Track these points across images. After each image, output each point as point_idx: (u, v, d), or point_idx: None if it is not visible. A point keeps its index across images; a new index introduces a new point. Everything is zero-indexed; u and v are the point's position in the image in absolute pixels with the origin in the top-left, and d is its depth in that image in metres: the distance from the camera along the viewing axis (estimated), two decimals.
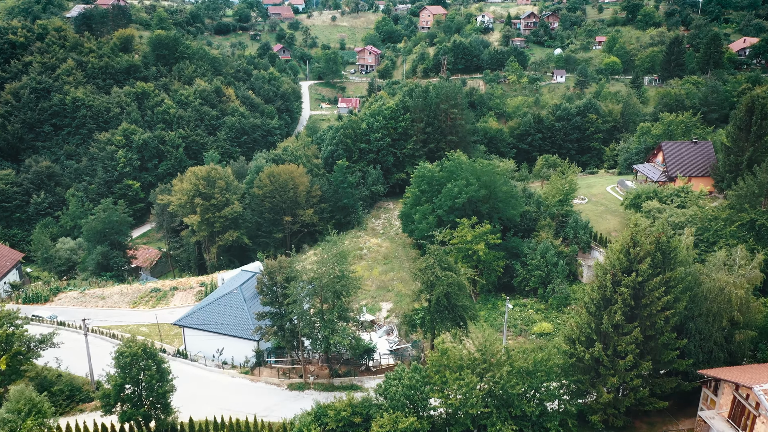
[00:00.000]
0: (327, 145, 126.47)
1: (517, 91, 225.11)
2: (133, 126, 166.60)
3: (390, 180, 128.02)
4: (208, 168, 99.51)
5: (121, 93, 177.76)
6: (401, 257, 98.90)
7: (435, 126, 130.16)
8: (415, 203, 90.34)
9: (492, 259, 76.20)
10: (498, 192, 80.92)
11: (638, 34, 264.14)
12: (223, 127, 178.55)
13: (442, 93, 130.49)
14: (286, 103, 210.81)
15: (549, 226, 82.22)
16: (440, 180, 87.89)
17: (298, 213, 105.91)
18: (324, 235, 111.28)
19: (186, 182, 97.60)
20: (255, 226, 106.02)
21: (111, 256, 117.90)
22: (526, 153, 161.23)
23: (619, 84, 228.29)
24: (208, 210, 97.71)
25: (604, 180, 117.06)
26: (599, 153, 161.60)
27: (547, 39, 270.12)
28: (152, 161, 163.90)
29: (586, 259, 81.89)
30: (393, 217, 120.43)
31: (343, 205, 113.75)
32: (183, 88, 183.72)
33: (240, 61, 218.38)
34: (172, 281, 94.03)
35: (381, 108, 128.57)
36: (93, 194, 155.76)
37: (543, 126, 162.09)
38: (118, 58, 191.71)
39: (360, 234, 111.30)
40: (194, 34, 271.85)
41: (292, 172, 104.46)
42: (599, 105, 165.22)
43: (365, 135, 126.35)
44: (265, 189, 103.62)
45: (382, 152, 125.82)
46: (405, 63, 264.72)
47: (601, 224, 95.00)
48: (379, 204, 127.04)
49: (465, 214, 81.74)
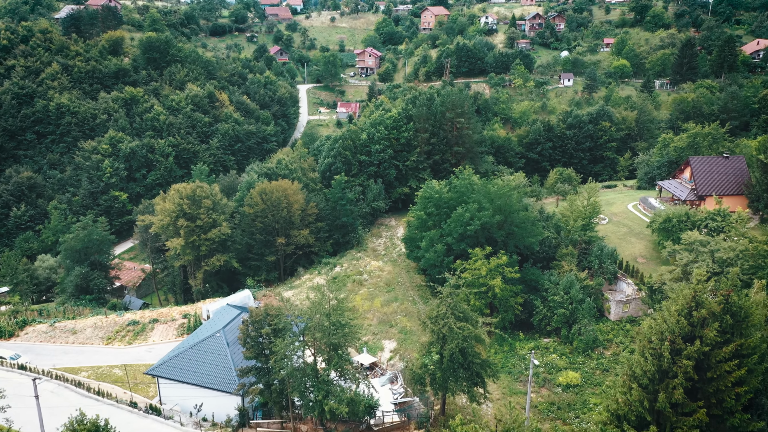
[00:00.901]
0: (324, 158, 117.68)
1: (523, 96, 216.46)
2: (120, 134, 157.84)
3: (392, 195, 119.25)
4: (193, 186, 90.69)
5: (108, 99, 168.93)
6: (405, 284, 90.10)
7: (440, 136, 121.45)
8: (421, 227, 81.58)
9: (509, 294, 67.40)
10: (514, 217, 72.11)
11: (647, 36, 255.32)
12: (216, 135, 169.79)
13: (448, 101, 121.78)
14: (282, 108, 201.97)
15: (571, 255, 73.42)
16: (449, 202, 79.10)
17: (293, 234, 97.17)
18: (321, 256, 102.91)
19: (169, 201, 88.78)
20: (245, 248, 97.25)
21: (91, 278, 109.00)
22: (536, 163, 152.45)
23: (629, 88, 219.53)
24: (192, 232, 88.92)
25: (624, 196, 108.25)
26: (613, 163, 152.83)
27: (553, 41, 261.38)
28: (140, 171, 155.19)
29: (613, 292, 73.05)
30: (396, 235, 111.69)
31: (341, 224, 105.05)
32: (174, 94, 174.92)
33: (235, 65, 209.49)
34: (152, 312, 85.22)
35: (382, 117, 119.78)
36: (77, 206, 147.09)
37: (553, 134, 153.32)
38: (106, 62, 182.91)
39: (360, 255, 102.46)
40: (188, 35, 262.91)
41: (285, 190, 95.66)
42: (612, 112, 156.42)
43: (365, 146, 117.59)
44: (256, 208, 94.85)
45: (384, 165, 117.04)
46: (406, 66, 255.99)
47: (626, 248, 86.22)
48: (380, 221, 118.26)
49: (477, 242, 73.00)
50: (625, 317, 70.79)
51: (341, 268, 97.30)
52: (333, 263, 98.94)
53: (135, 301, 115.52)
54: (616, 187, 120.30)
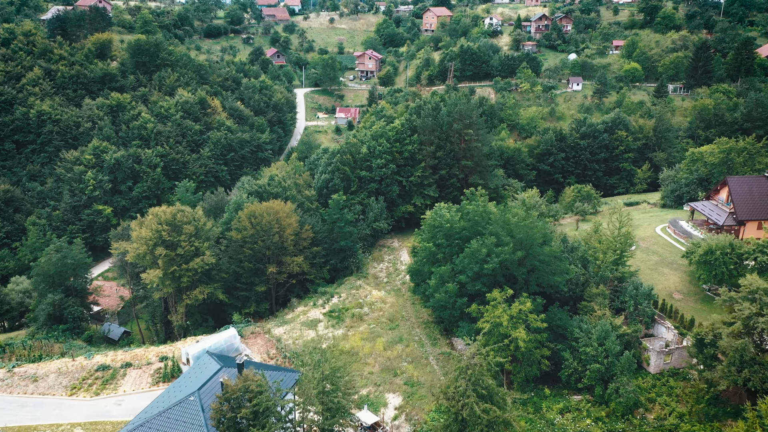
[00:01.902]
0: (321, 173, 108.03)
1: (530, 101, 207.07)
2: (105, 143, 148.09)
3: (395, 213, 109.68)
4: (173, 210, 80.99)
5: (93, 105, 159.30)
6: (410, 319, 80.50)
7: (447, 149, 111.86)
8: (429, 259, 71.95)
9: (534, 346, 57.81)
10: (538, 252, 62.51)
11: (658, 38, 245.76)
12: (208, 144, 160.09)
13: (455, 111, 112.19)
14: (278, 114, 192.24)
15: (602, 296, 63.81)
16: (461, 232, 69.47)
17: (285, 261, 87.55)
18: (317, 285, 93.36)
19: (146, 227, 79.13)
20: (233, 277, 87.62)
21: (65, 306, 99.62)
22: (547, 175, 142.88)
23: (641, 93, 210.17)
24: (172, 262, 79.28)
25: (651, 217, 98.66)
26: (629, 175, 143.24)
27: (560, 43, 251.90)
28: (126, 183, 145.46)
29: (652, 340, 63.43)
30: (399, 258, 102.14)
31: (339, 248, 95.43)
32: (163, 100, 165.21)
33: (229, 69, 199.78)
34: (126, 353, 75.57)
35: (384, 129, 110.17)
36: (57, 222, 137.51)
37: (566, 144, 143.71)
38: (92, 66, 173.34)
39: (360, 283, 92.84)
40: (181, 37, 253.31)
41: (277, 212, 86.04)
42: (629, 120, 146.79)
43: (366, 161, 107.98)
44: (244, 233, 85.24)
45: (386, 181, 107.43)
46: (408, 69, 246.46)
47: (658, 281, 76.63)
48: (381, 242, 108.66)
49: (495, 280, 63.43)
50: (667, 369, 61.26)
51: (339, 298, 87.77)
52: (330, 293, 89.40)
53: (115, 329, 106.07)
54: (639, 205, 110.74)
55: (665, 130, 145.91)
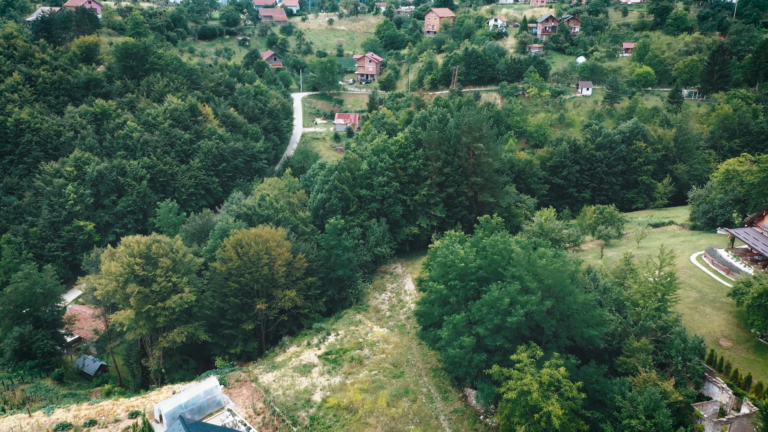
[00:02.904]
0: (317, 192, 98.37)
1: (538, 107, 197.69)
2: (87, 154, 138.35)
3: (398, 236, 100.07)
4: (148, 240, 71.33)
5: (75, 113, 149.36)
6: (417, 364, 70.89)
7: (455, 165, 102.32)
8: (439, 302, 62.28)
9: (568, 418, 48.16)
10: (569, 300, 52.91)
11: (669, 40, 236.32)
12: (198, 154, 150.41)
13: (464, 123, 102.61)
14: (274, 121, 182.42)
15: (645, 351, 54.17)
16: (477, 272, 59.79)
17: (276, 295, 77.95)
18: (312, 319, 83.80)
19: (116, 261, 69.53)
20: (217, 313, 78.01)
21: (34, 340, 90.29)
22: (561, 189, 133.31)
23: (654, 98, 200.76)
24: (146, 299, 69.66)
25: (682, 242, 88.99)
26: (648, 188, 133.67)
27: (568, 45, 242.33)
28: (110, 197, 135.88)
29: (704, 405, 53.75)
30: (403, 287, 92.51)
31: (336, 277, 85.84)
32: (151, 107, 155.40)
33: (222, 73, 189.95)
34: (91, 407, 65.90)
35: (386, 143, 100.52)
36: (35, 239, 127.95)
37: (580, 155, 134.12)
38: (76, 71, 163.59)
39: (359, 317, 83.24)
40: (174, 39, 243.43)
41: (267, 241, 76.43)
42: (647, 130, 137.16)
43: (366, 178, 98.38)
44: (230, 264, 75.62)
45: (388, 201, 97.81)
46: (410, 72, 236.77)
47: (701, 324, 67.05)
48: (384, 268, 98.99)
49: (519, 333, 53.83)
50: None
51: (336, 337, 78.12)
52: (326, 329, 79.76)
53: (90, 364, 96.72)
54: (665, 226, 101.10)
55: (686, 141, 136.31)
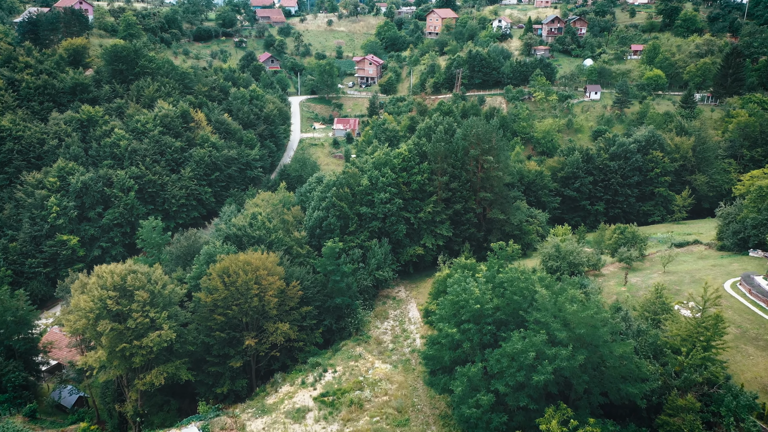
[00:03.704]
0: (314, 209, 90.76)
1: (545, 111, 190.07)
2: (71, 164, 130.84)
3: (401, 256, 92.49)
4: (123, 270, 63.71)
5: (60, 120, 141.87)
6: (425, 410, 63.37)
7: (462, 179, 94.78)
8: (450, 346, 54.62)
9: None
10: (604, 352, 45.35)
11: (679, 42, 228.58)
12: (189, 162, 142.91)
13: (472, 134, 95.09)
14: (270, 127, 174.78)
15: (692, 411, 46.61)
16: (493, 313, 52.19)
17: (267, 328, 70.39)
18: (307, 353, 76.25)
19: (87, 296, 61.94)
20: (202, 349, 70.43)
21: (4, 372, 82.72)
22: (572, 201, 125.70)
23: (665, 102, 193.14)
24: (121, 337, 62.09)
25: (713, 266, 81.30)
26: (666, 201, 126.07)
27: (575, 47, 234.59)
28: (95, 209, 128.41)
29: None
30: (407, 314, 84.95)
31: (334, 306, 78.27)
32: (140, 113, 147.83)
33: (216, 77, 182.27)
34: None
35: (388, 157, 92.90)
36: (15, 254, 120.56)
37: (593, 166, 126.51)
38: (63, 75, 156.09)
39: (359, 350, 75.72)
40: (168, 41, 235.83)
41: (257, 269, 68.86)
42: (663, 138, 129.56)
43: (367, 194, 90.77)
44: (215, 295, 68.03)
45: (391, 219, 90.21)
46: (411, 75, 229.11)
47: (744, 368, 59.44)
48: (386, 292, 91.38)
49: (545, 391, 46.27)
50: None
51: (334, 374, 70.63)
52: (323, 365, 72.29)
53: (68, 396, 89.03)
54: (690, 245, 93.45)
55: (705, 150, 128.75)
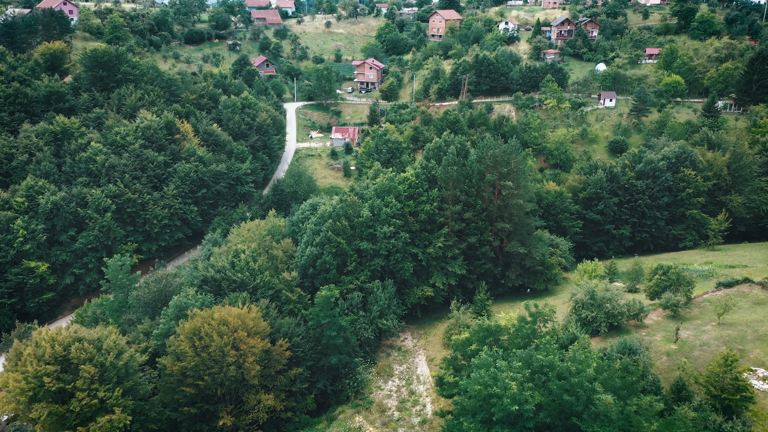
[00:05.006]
0: (306, 244, 78.36)
1: (557, 120, 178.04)
2: (42, 181, 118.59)
3: (408, 299, 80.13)
4: (66, 338, 51.41)
5: (32, 132, 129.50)
6: None
7: (477, 208, 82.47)
8: None
9: None
10: None
11: (696, 45, 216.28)
12: (174, 179, 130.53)
13: (489, 156, 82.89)
14: (263, 137, 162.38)
15: None
16: (534, 414, 39.86)
17: (248, 401, 58.07)
18: (297, 424, 63.92)
19: (18, 373, 49.72)
20: (168, 427, 58.07)
21: None
22: (595, 225, 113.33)
23: (685, 110, 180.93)
24: (62, 422, 49.81)
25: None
26: (699, 224, 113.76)
27: (587, 51, 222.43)
28: (67, 232, 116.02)
29: None
30: (415, 370, 72.55)
31: (329, 366, 66.00)
32: (120, 124, 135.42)
33: (205, 83, 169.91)
34: None
35: (393, 183, 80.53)
36: None
37: (618, 185, 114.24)
38: (38, 82, 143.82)
39: (359, 421, 63.41)
40: (158, 44, 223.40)
41: (235, 330, 56.59)
42: (695, 155, 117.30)
43: (368, 227, 78.39)
44: (185, 362, 55.75)
45: (396, 256, 77.81)
46: (414, 80, 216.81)
47: None
48: (390, 341, 78.99)
49: None
50: None
51: None
52: None
53: None
54: (740, 284, 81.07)
55: (741, 168, 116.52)
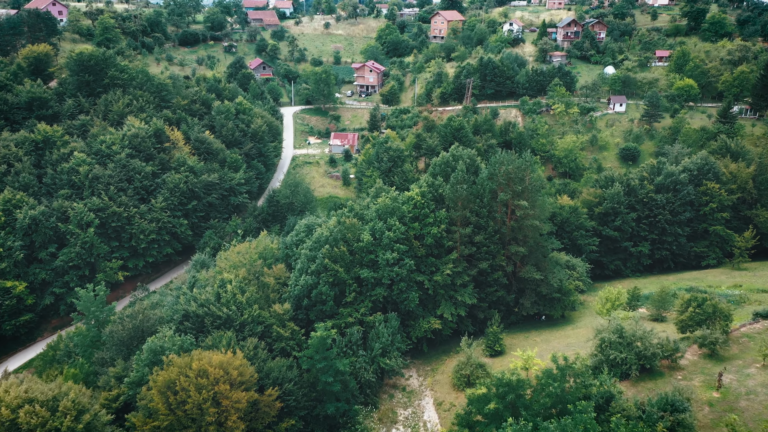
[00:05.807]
0: (300, 272, 70.66)
1: (565, 126, 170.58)
2: (20, 194, 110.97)
3: (413, 332, 72.40)
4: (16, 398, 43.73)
5: (11, 141, 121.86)
6: None
7: (489, 231, 74.80)
8: None
9: None
10: None
11: (707, 47, 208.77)
12: (162, 190, 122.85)
13: (501, 173, 75.21)
14: (258, 144, 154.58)
15: None
16: None
17: None
18: None
19: None
20: None
21: None
22: (612, 242, 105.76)
23: (698, 115, 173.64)
24: None
25: None
26: (722, 241, 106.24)
27: (594, 53, 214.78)
28: (47, 248, 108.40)
29: None
30: (421, 414, 64.89)
31: (326, 415, 58.35)
32: (106, 132, 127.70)
33: (198, 88, 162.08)
34: None
35: (396, 203, 72.86)
36: None
37: (636, 199, 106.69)
38: (20, 87, 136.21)
39: None
40: (150, 46, 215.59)
41: (216, 382, 48.94)
42: (719, 167, 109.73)
43: (369, 252, 70.73)
44: (157, 420, 48.10)
45: (400, 285, 70.10)
46: (416, 84, 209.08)
47: None
48: (393, 380, 71.30)
49: None
50: None
51: None
52: None
53: None
54: None
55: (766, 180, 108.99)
